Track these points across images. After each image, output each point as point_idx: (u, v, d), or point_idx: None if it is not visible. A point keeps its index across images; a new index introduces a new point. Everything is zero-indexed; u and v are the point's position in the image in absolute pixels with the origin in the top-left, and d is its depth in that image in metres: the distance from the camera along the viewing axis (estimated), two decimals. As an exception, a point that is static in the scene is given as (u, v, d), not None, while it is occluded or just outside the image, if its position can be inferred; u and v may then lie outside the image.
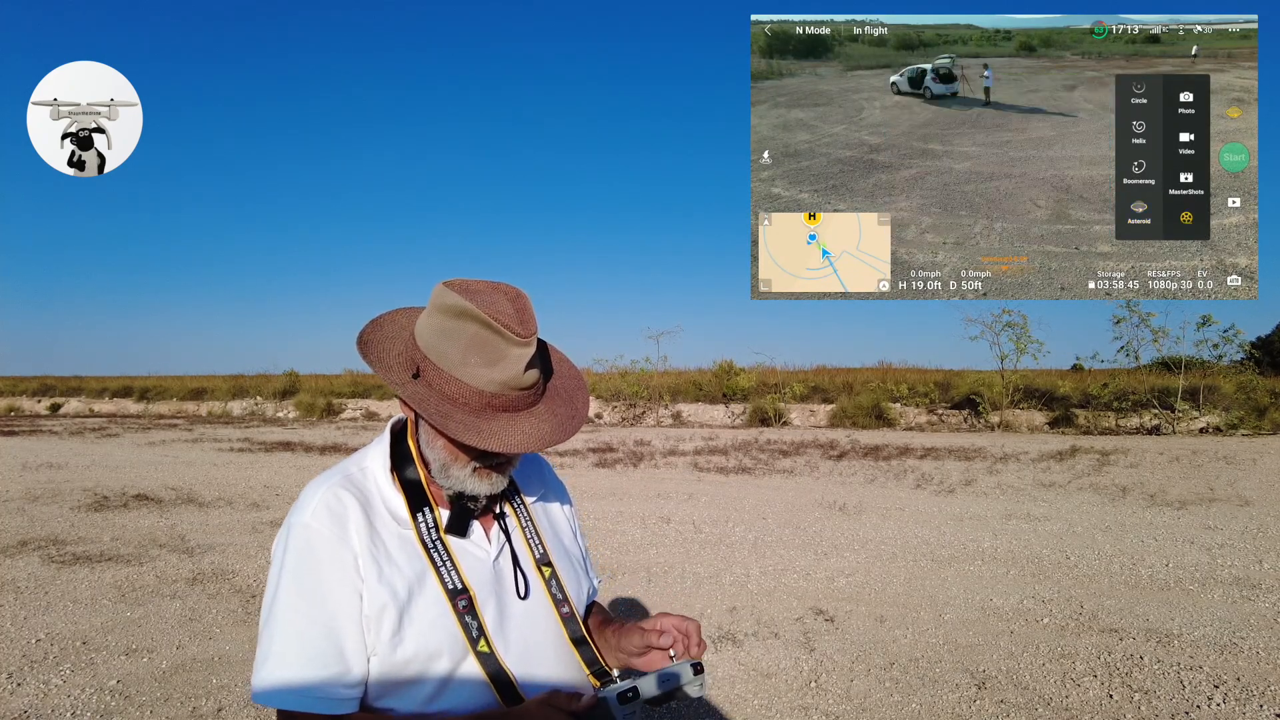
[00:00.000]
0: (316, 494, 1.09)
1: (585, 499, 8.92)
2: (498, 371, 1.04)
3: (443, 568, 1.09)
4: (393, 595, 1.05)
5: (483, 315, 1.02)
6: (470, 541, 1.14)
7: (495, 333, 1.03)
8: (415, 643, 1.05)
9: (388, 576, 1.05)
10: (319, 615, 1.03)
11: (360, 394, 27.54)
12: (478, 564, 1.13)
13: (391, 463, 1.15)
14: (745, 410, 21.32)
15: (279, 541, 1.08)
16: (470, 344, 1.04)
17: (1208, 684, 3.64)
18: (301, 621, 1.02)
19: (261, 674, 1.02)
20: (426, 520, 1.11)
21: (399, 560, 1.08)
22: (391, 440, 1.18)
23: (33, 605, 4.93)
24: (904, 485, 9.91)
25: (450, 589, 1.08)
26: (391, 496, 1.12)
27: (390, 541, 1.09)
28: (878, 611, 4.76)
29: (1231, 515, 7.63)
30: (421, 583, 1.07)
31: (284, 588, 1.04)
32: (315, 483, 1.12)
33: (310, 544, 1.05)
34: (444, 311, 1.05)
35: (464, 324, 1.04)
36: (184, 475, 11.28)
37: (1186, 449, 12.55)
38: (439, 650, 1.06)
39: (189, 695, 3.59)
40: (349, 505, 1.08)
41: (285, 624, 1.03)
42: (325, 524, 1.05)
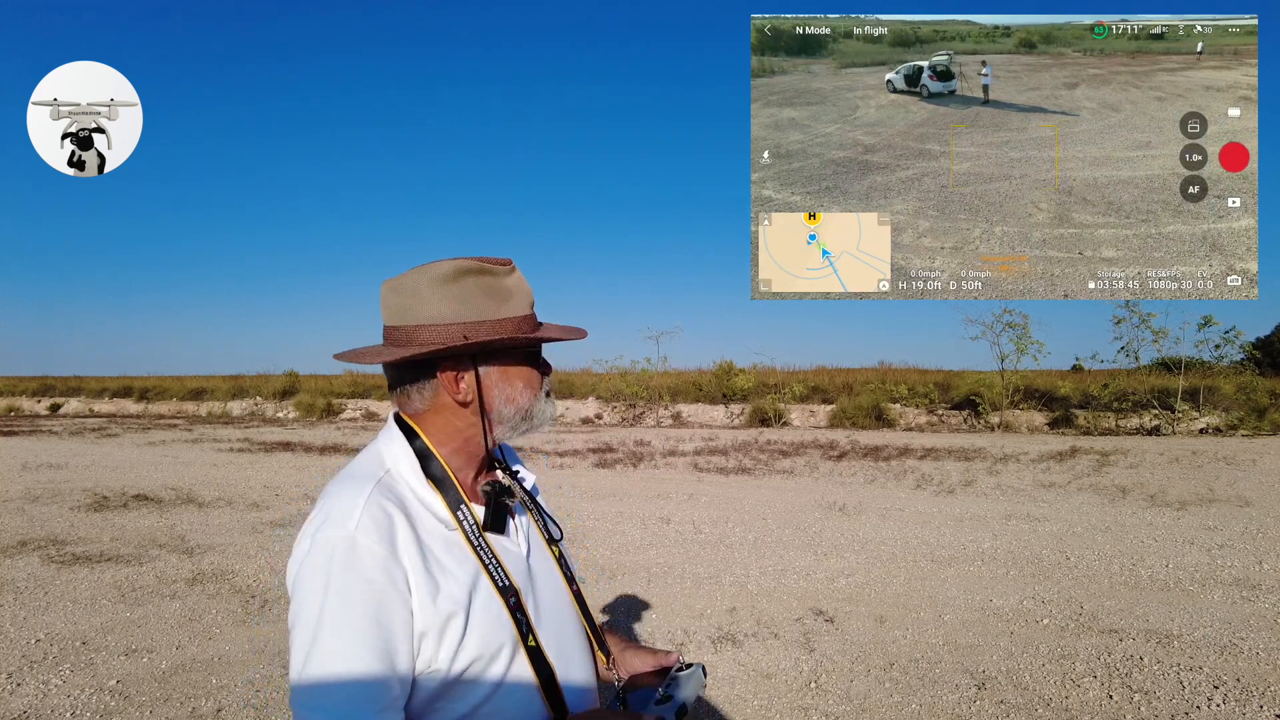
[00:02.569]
0: (356, 504, 1.01)
1: (585, 499, 8.91)
2: (517, 298, 1.13)
3: (490, 565, 1.08)
4: (456, 604, 1.02)
5: (472, 265, 1.09)
6: (506, 539, 1.14)
7: (490, 274, 1.11)
8: (478, 645, 1.03)
9: (446, 588, 1.02)
10: (376, 640, 0.96)
11: (360, 394, 27.53)
12: (514, 560, 1.13)
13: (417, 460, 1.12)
14: (745, 411, 21.31)
15: (314, 559, 0.99)
16: (483, 290, 1.10)
17: (1208, 684, 3.64)
18: (357, 649, 0.96)
19: (310, 698, 0.96)
20: (467, 519, 1.09)
21: (451, 566, 1.04)
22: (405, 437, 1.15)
23: (32, 605, 4.93)
24: (904, 486, 9.90)
25: (501, 587, 1.07)
26: (428, 497, 1.08)
27: (437, 548, 1.04)
28: (878, 612, 4.75)
29: (1231, 516, 7.63)
30: (476, 584, 1.05)
31: (331, 610, 0.96)
32: (346, 491, 1.04)
33: (359, 559, 0.97)
34: (439, 282, 1.09)
35: (464, 280, 1.09)
36: (184, 475, 11.28)
37: (1186, 450, 12.54)
38: (498, 649, 1.04)
39: (188, 695, 3.58)
40: (395, 516, 1.02)
41: (337, 652, 0.96)
42: (373, 539, 0.98)
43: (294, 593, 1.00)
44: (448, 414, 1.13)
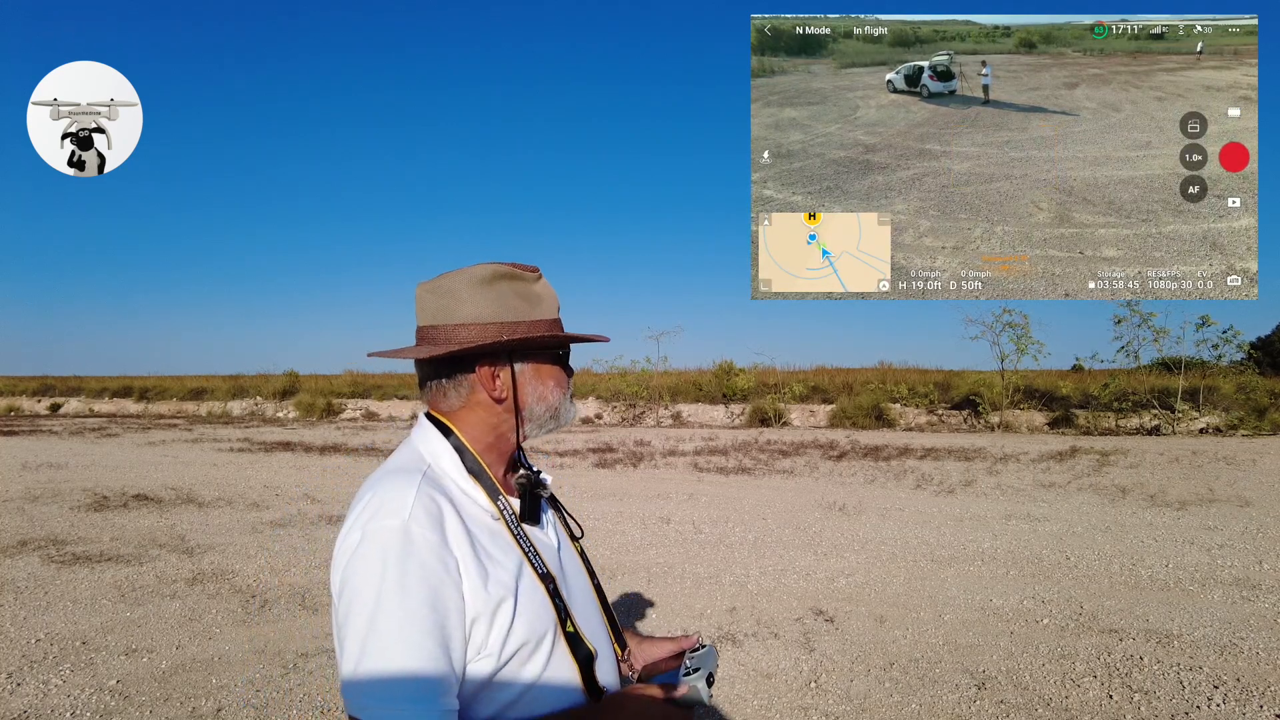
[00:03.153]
0: (408, 495, 1.03)
1: (585, 499, 8.91)
2: (546, 302, 1.20)
3: (530, 553, 1.12)
4: (505, 589, 1.05)
5: (504, 270, 1.16)
6: (539, 530, 1.19)
7: (522, 280, 1.17)
8: (525, 630, 1.06)
9: (495, 574, 1.05)
10: (434, 626, 0.98)
11: (360, 394, 27.54)
12: (548, 551, 1.18)
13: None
14: (745, 411, 21.31)
15: (368, 550, 1.00)
16: (516, 294, 1.17)
17: (1208, 684, 3.64)
18: (418, 634, 0.97)
19: (376, 695, 0.96)
20: (506, 510, 1.14)
21: (497, 554, 1.08)
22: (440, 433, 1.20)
23: (32, 605, 4.93)
24: (904, 486, 9.90)
25: (542, 574, 1.12)
26: (471, 489, 1.13)
27: (483, 537, 1.08)
28: (878, 612, 4.75)
29: (1231, 516, 7.63)
30: (521, 572, 1.09)
31: (389, 597, 0.97)
32: (394, 484, 1.06)
33: (414, 547, 0.99)
34: (475, 284, 1.15)
35: (498, 285, 1.15)
36: (184, 475, 11.28)
37: (1186, 449, 12.54)
38: (544, 633, 1.08)
39: (188, 695, 3.58)
40: (444, 506, 1.05)
41: (399, 639, 0.96)
42: (426, 528, 1.01)
43: (345, 585, 1.00)
44: (482, 411, 1.17)
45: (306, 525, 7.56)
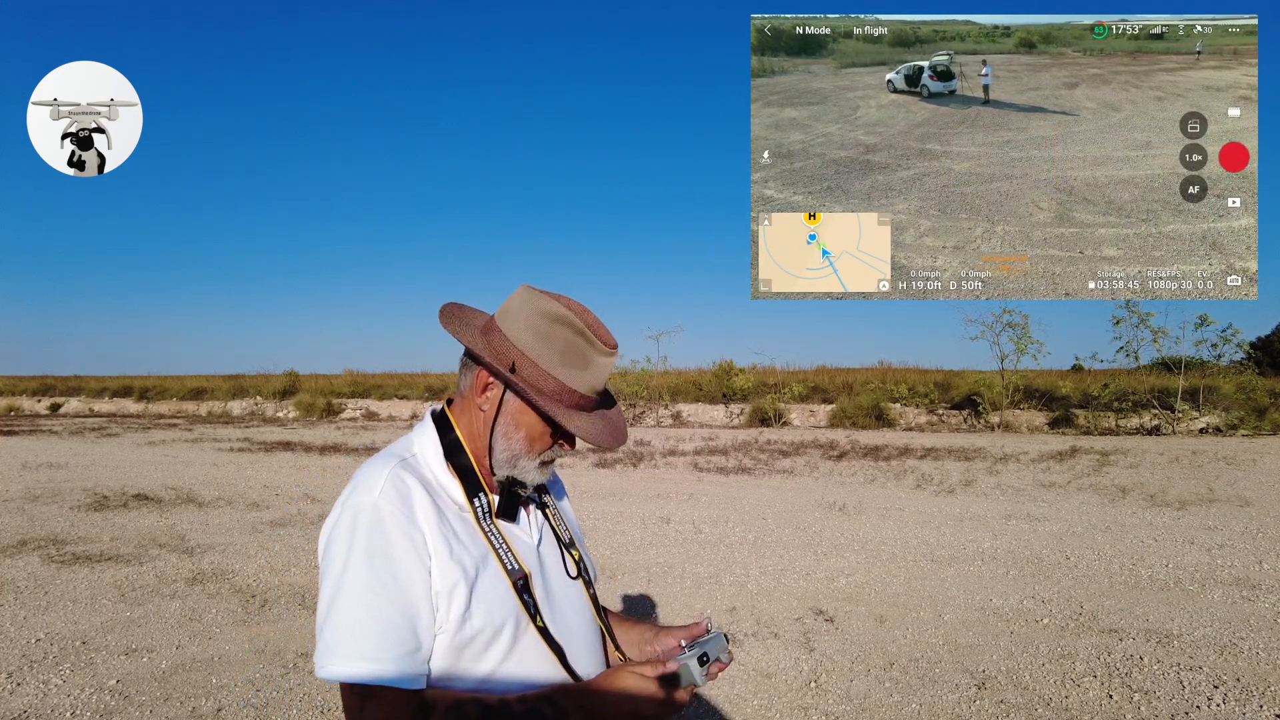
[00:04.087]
0: (380, 475, 1.11)
1: (585, 499, 8.91)
2: (589, 375, 1.17)
3: (500, 548, 1.15)
4: (464, 572, 1.09)
5: (579, 324, 1.15)
6: (517, 527, 1.21)
7: (588, 341, 1.16)
8: (482, 618, 1.09)
9: (458, 554, 1.10)
10: (395, 592, 1.05)
11: (360, 394, 27.53)
12: (525, 548, 1.20)
13: (443, 450, 1.20)
14: (745, 410, 21.31)
15: (342, 522, 1.08)
16: (566, 347, 1.15)
17: (1208, 684, 3.64)
18: (377, 598, 1.04)
19: (335, 650, 1.03)
20: (481, 504, 1.17)
21: (464, 540, 1.12)
22: (437, 431, 1.23)
23: (32, 605, 4.93)
24: (904, 485, 9.90)
25: (509, 569, 1.14)
26: (448, 482, 1.17)
27: (454, 522, 1.13)
28: (878, 611, 4.75)
29: (1231, 515, 7.63)
30: (485, 562, 1.13)
31: (355, 564, 1.05)
32: (372, 466, 1.13)
33: (381, 521, 1.07)
34: (542, 315, 1.16)
35: (559, 329, 1.15)
36: (184, 475, 11.28)
37: (1186, 449, 12.54)
38: (503, 624, 1.11)
39: (188, 695, 3.58)
40: (413, 486, 1.11)
41: (360, 600, 1.04)
42: (394, 503, 1.08)
43: (322, 555, 1.10)
44: (472, 411, 1.21)
45: (306, 525, 7.56)
